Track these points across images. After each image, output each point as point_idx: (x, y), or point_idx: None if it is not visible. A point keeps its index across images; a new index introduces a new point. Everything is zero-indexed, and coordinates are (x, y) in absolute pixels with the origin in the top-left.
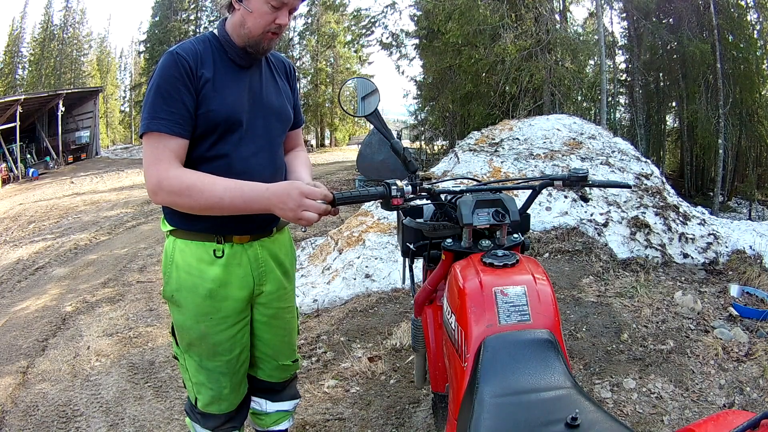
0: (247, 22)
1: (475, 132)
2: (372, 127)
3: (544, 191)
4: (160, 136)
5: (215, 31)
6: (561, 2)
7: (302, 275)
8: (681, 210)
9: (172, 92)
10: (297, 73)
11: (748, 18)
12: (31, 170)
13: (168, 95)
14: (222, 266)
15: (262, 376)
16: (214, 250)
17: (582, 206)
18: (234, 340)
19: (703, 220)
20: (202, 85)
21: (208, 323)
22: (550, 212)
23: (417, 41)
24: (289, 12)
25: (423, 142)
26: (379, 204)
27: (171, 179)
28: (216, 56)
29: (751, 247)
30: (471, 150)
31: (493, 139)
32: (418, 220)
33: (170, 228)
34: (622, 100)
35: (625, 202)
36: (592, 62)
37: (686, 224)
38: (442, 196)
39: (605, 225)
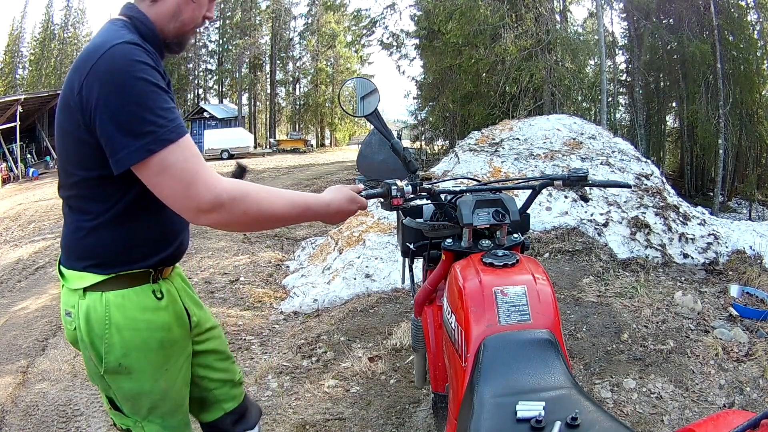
0: (185, 12)
1: (476, 132)
2: (372, 127)
3: (544, 191)
4: (189, 140)
5: (128, 19)
6: (561, 2)
7: (302, 275)
8: (681, 210)
9: (163, 91)
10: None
11: (749, 18)
12: (31, 170)
13: (165, 93)
14: (165, 308)
15: (223, 411)
16: (153, 291)
17: (582, 206)
18: (185, 381)
19: (703, 220)
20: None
21: (167, 377)
22: (551, 212)
23: (417, 41)
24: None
25: (423, 142)
26: (379, 204)
27: (231, 183)
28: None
29: (751, 247)
30: (471, 150)
31: (494, 139)
32: (418, 220)
33: (100, 278)
34: (622, 100)
35: (625, 202)
36: (592, 62)
37: (686, 224)
38: (442, 196)
39: (605, 225)
